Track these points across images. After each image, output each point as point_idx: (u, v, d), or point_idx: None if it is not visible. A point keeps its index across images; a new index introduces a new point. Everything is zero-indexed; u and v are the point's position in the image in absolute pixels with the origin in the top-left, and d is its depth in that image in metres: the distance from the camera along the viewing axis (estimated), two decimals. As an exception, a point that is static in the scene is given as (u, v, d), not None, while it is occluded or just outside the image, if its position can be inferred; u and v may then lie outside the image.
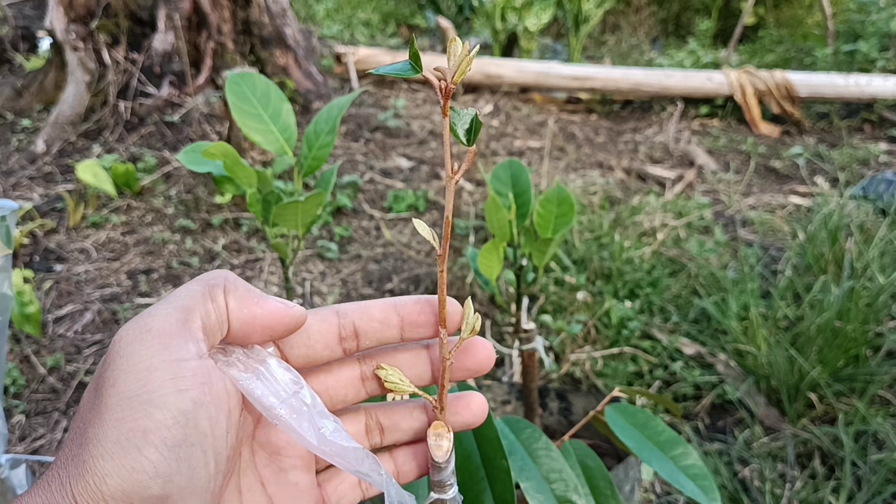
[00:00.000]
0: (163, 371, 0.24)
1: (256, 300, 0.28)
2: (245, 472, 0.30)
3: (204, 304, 0.27)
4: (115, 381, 0.24)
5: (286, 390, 0.28)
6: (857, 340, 1.33)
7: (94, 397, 0.25)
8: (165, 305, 0.26)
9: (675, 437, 0.53)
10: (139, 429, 0.23)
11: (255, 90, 0.68)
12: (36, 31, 3.14)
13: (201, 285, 0.28)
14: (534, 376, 0.84)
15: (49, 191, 2.16)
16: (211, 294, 0.27)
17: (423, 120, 2.91)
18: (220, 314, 0.27)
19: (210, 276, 0.28)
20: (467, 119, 0.29)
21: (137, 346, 0.25)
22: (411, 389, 0.32)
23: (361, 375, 0.32)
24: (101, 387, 0.25)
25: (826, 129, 2.99)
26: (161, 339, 0.25)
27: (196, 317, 0.27)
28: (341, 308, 0.31)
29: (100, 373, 0.25)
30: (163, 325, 0.26)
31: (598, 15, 3.72)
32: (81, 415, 0.25)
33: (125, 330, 0.26)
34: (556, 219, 0.70)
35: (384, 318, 0.31)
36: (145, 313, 0.26)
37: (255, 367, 0.28)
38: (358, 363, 0.33)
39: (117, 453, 0.23)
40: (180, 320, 0.26)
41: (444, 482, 0.32)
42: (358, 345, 0.31)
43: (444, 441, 0.31)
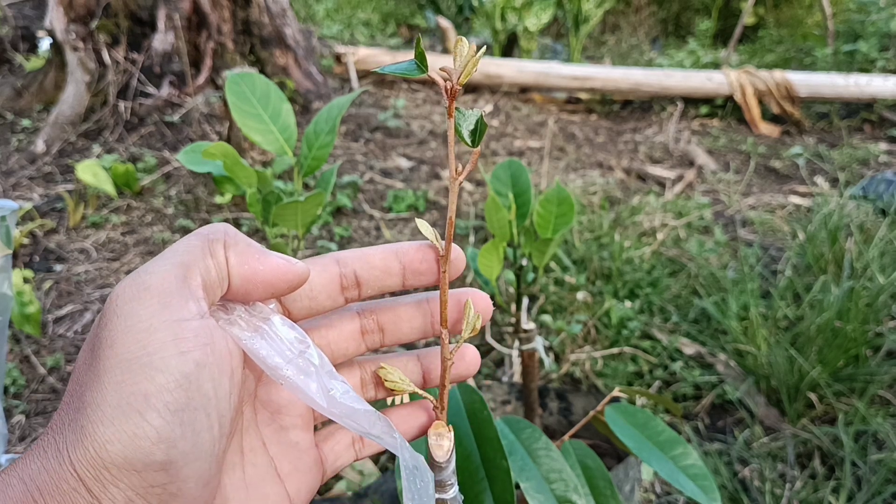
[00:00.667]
0: (164, 332, 0.23)
1: (258, 256, 0.27)
2: (247, 432, 0.29)
3: (203, 260, 0.26)
4: (112, 343, 0.23)
5: (292, 350, 0.27)
6: (857, 340, 1.33)
7: (90, 359, 0.24)
8: (163, 262, 0.25)
9: (675, 437, 0.53)
10: (140, 392, 0.22)
11: (255, 90, 0.68)
12: (36, 31, 3.14)
13: (200, 240, 0.26)
14: (534, 376, 0.84)
15: (49, 191, 2.16)
16: (211, 249, 0.26)
17: (423, 120, 2.91)
18: (220, 270, 0.26)
19: (209, 229, 0.27)
20: (472, 120, 0.29)
21: (136, 306, 0.24)
22: (411, 389, 0.32)
23: (361, 329, 0.32)
24: (97, 348, 0.24)
25: (826, 129, 2.99)
26: (160, 298, 0.24)
27: (196, 273, 0.25)
28: (341, 256, 0.30)
29: (95, 333, 0.24)
30: (161, 283, 0.24)
31: (598, 15, 3.72)
32: (77, 377, 0.24)
33: (121, 288, 0.24)
34: (556, 219, 0.70)
35: (385, 266, 0.30)
36: (142, 270, 0.25)
37: (258, 325, 0.27)
38: (358, 317, 0.32)
39: (118, 418, 0.22)
40: (179, 277, 0.25)
41: (444, 482, 0.32)
42: (360, 293, 0.31)
43: (445, 441, 0.31)
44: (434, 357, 0.33)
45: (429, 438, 0.32)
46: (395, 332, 0.32)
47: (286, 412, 0.30)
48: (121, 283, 0.25)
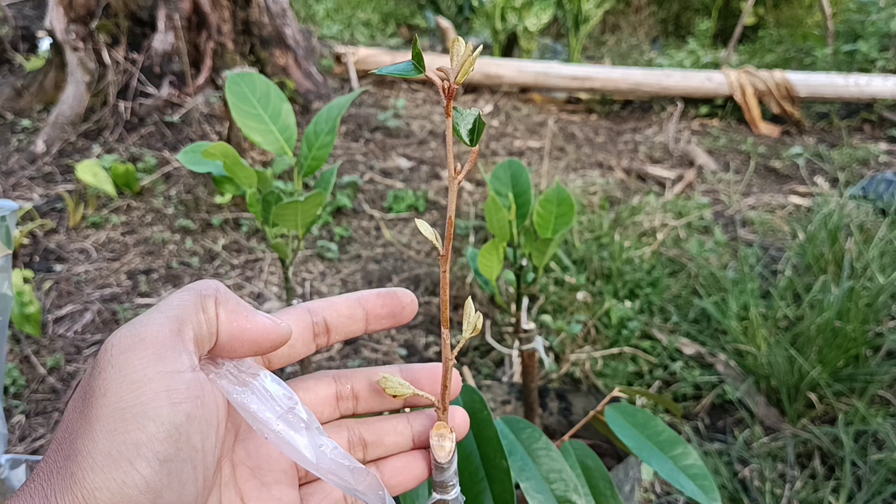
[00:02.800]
0: (157, 383, 0.24)
1: (246, 314, 0.28)
2: (227, 488, 0.30)
3: (196, 315, 0.27)
4: (105, 391, 0.24)
5: (281, 405, 0.28)
6: (857, 340, 1.33)
7: (81, 406, 0.24)
8: (158, 314, 0.26)
9: (674, 437, 0.53)
10: (132, 442, 0.23)
11: (254, 90, 0.68)
12: (36, 31, 3.14)
13: (193, 295, 0.27)
14: (534, 376, 0.84)
15: (49, 191, 2.16)
16: (203, 305, 0.27)
17: (422, 120, 2.91)
18: (210, 326, 0.27)
19: (201, 285, 0.28)
20: (470, 119, 0.29)
21: (131, 356, 0.24)
22: (412, 391, 0.32)
23: (337, 394, 0.33)
24: (90, 396, 0.24)
25: (826, 129, 2.99)
26: (155, 350, 0.25)
27: (189, 328, 0.26)
28: (312, 306, 0.32)
29: (88, 382, 0.25)
30: (157, 335, 0.25)
31: (598, 15, 3.72)
32: (67, 425, 0.24)
33: (116, 338, 0.25)
34: (555, 219, 0.70)
35: (351, 313, 0.32)
36: (137, 322, 0.26)
37: (247, 380, 0.28)
38: (334, 381, 0.33)
39: (108, 466, 0.22)
40: (174, 331, 0.25)
41: (446, 483, 0.32)
42: (329, 339, 0.32)
43: (447, 442, 0.31)
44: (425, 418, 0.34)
45: (431, 439, 0.32)
46: (369, 401, 0.33)
47: (267, 468, 0.31)
48: (116, 334, 0.25)
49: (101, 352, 0.25)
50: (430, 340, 1.55)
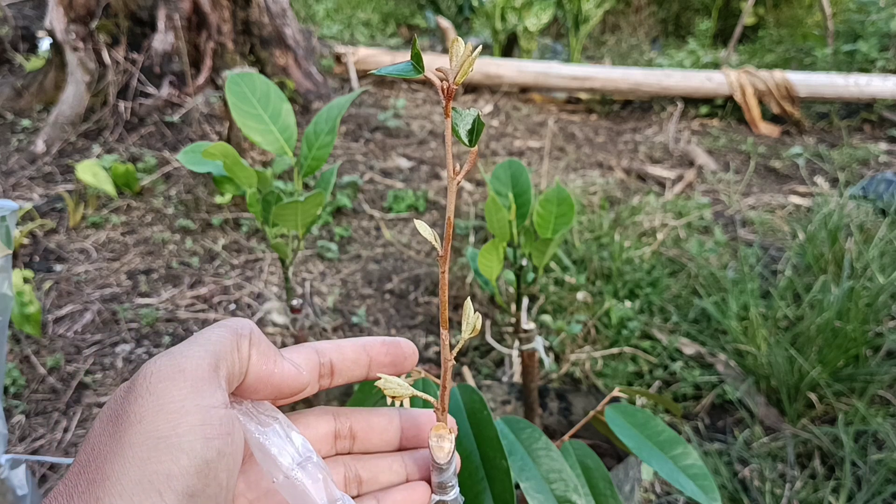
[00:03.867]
0: (194, 416, 0.24)
1: (275, 359, 0.29)
2: None
3: (231, 354, 0.27)
4: (142, 418, 0.24)
5: (300, 453, 0.28)
6: (857, 340, 1.33)
7: (112, 430, 0.24)
8: (197, 347, 0.26)
9: (674, 437, 0.53)
10: (164, 472, 0.23)
11: (254, 90, 0.68)
12: (36, 31, 3.14)
13: (230, 333, 0.28)
14: (534, 376, 0.84)
15: (49, 191, 2.16)
16: (238, 343, 0.28)
17: (423, 120, 2.91)
18: (241, 366, 0.28)
19: (238, 324, 0.29)
20: (469, 120, 0.29)
21: (169, 385, 0.24)
22: (410, 392, 0.32)
23: (336, 432, 0.33)
24: (123, 420, 0.24)
25: (826, 129, 2.99)
26: (193, 383, 0.25)
27: (224, 365, 0.27)
28: (319, 346, 0.33)
29: (122, 406, 0.25)
30: (195, 368, 0.25)
31: (598, 15, 3.72)
32: (94, 446, 0.24)
33: (155, 366, 0.25)
34: (555, 219, 0.70)
35: (356, 358, 0.33)
36: (177, 352, 0.26)
37: (267, 421, 0.29)
38: (334, 419, 0.33)
39: (137, 495, 0.22)
40: (212, 366, 0.26)
41: (445, 483, 0.32)
42: (331, 381, 0.33)
43: (446, 442, 0.31)
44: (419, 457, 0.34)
45: (430, 440, 0.32)
46: (365, 441, 0.34)
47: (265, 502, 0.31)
48: (155, 361, 0.26)
49: (138, 377, 0.25)
50: (430, 340, 1.55)
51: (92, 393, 1.38)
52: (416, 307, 1.68)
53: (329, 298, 1.70)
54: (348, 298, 1.71)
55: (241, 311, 1.64)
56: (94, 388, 1.39)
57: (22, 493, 0.70)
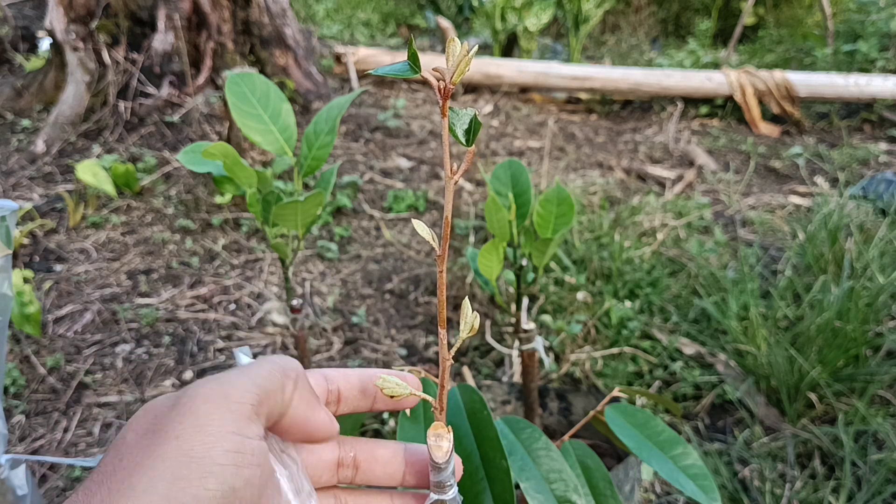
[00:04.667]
0: (230, 442, 0.25)
1: (313, 407, 0.30)
2: None
3: (276, 394, 0.28)
4: (179, 435, 0.24)
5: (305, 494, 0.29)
6: (857, 340, 1.33)
7: (147, 442, 0.24)
8: (245, 378, 0.27)
9: (674, 437, 0.53)
10: (192, 493, 0.23)
11: (254, 90, 0.68)
12: (36, 31, 3.14)
13: (280, 372, 0.28)
14: (534, 376, 0.84)
15: (49, 191, 2.16)
16: (284, 384, 0.28)
17: (422, 120, 2.91)
18: (282, 407, 0.28)
19: (288, 364, 0.29)
20: (466, 119, 0.29)
21: (212, 409, 0.25)
22: (409, 391, 0.32)
23: (339, 460, 0.33)
24: (160, 434, 0.24)
25: (826, 129, 2.99)
26: (235, 412, 0.25)
27: (267, 402, 0.27)
28: (328, 374, 0.34)
29: (161, 420, 0.25)
30: (240, 399, 0.26)
31: (598, 15, 3.72)
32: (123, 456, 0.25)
33: (202, 388, 0.26)
34: (555, 219, 0.70)
35: (363, 388, 0.34)
36: (225, 379, 0.27)
37: (289, 464, 0.29)
38: (338, 446, 0.33)
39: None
40: (255, 399, 0.27)
41: (443, 483, 0.32)
42: (337, 409, 0.33)
43: (444, 442, 0.31)
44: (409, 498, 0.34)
45: (428, 439, 0.32)
46: (368, 473, 0.34)
47: None
48: (203, 384, 0.26)
49: (184, 396, 0.26)
50: (430, 340, 1.55)
51: (92, 393, 1.38)
52: (416, 307, 1.68)
53: (329, 298, 1.70)
54: (348, 298, 1.71)
55: (241, 311, 1.64)
56: (94, 388, 1.39)
57: (22, 494, 0.70)
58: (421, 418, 0.46)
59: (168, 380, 1.42)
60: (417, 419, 0.46)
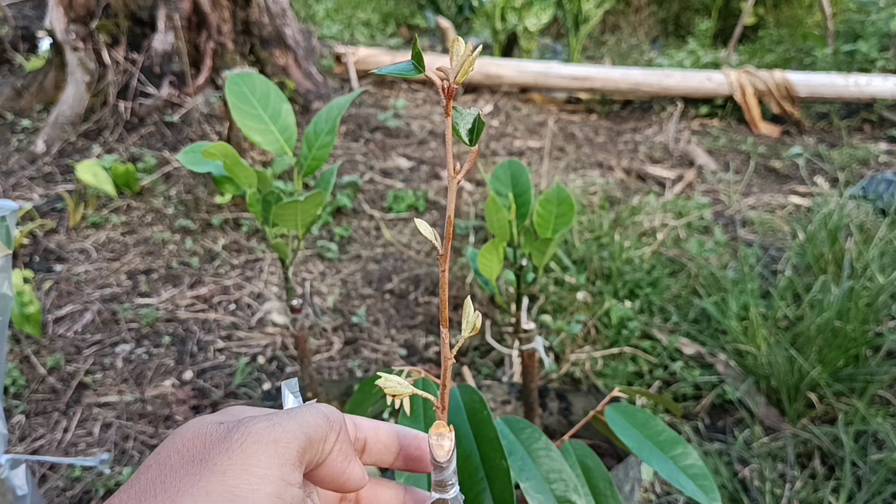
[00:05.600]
0: (273, 486, 0.25)
1: (350, 460, 0.30)
2: None
3: (319, 444, 0.28)
4: (226, 471, 0.25)
5: None
6: (857, 340, 1.33)
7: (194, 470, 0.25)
8: (294, 424, 0.28)
9: (675, 437, 0.53)
10: None
11: (254, 90, 0.68)
12: (36, 31, 3.14)
13: (325, 423, 0.29)
14: (534, 376, 0.84)
15: (49, 191, 2.16)
16: (327, 436, 0.29)
17: (422, 120, 2.91)
18: (321, 457, 0.29)
19: (333, 416, 0.30)
20: (470, 119, 0.29)
21: (260, 450, 0.25)
22: (410, 391, 0.32)
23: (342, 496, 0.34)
24: (207, 465, 0.25)
25: (826, 129, 2.99)
26: (282, 456, 0.26)
27: (309, 450, 0.28)
28: (358, 421, 0.34)
29: (209, 451, 0.25)
30: (288, 444, 0.27)
31: (598, 15, 3.72)
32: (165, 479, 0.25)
33: (254, 427, 0.26)
34: (555, 219, 0.70)
35: (388, 443, 0.34)
36: (276, 422, 0.27)
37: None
38: None
39: None
40: (302, 447, 0.27)
41: (445, 482, 0.32)
42: (361, 458, 0.34)
43: (446, 441, 0.31)
44: None
45: (430, 438, 0.32)
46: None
47: None
48: (254, 422, 0.27)
49: (235, 433, 0.26)
50: (430, 340, 1.55)
51: (92, 393, 1.38)
52: (416, 307, 1.68)
53: (329, 298, 1.70)
54: (348, 298, 1.71)
55: (241, 311, 1.64)
56: (94, 388, 1.39)
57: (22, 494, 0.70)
58: (421, 417, 0.46)
59: (168, 380, 1.42)
60: (418, 418, 0.46)
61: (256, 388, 1.40)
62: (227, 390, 1.39)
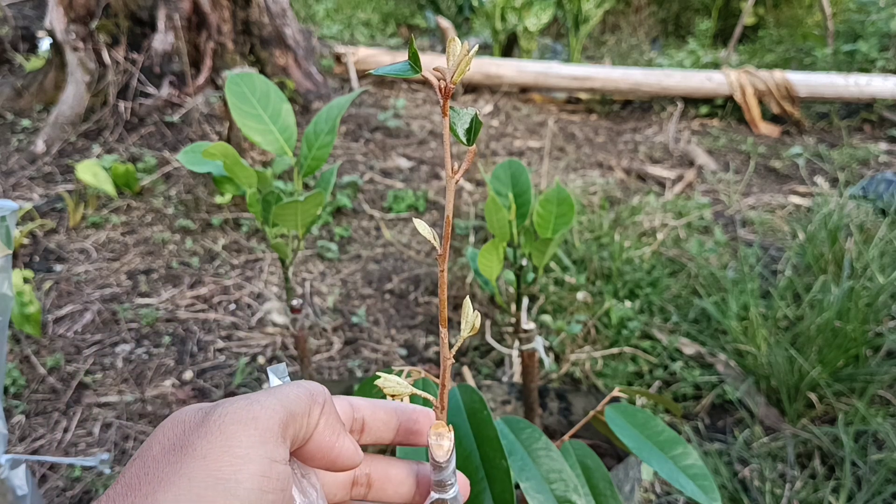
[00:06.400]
0: (256, 465, 0.24)
1: (338, 433, 0.29)
2: None
3: (303, 417, 0.28)
4: (206, 454, 0.24)
5: None
6: (857, 340, 1.33)
7: (174, 458, 0.24)
8: (273, 400, 0.27)
9: (675, 437, 0.53)
10: None
11: (254, 90, 0.68)
12: (36, 31, 3.14)
13: (307, 396, 0.28)
14: (534, 376, 0.84)
15: (49, 191, 2.16)
16: (310, 409, 0.28)
17: (422, 120, 2.91)
18: (307, 431, 0.28)
19: (316, 389, 0.29)
20: (467, 119, 0.29)
21: (240, 430, 0.25)
22: (410, 391, 0.32)
23: (354, 479, 0.33)
24: (187, 451, 0.24)
25: (826, 129, 2.99)
26: (262, 433, 0.25)
27: (293, 424, 0.27)
28: (354, 402, 0.33)
29: (188, 437, 0.25)
30: (268, 419, 0.26)
31: (598, 15, 3.72)
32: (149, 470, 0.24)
33: (231, 407, 0.26)
34: (555, 219, 0.70)
35: (387, 419, 0.33)
36: (253, 399, 0.27)
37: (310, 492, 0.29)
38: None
39: None
40: (283, 422, 0.26)
41: (444, 482, 0.32)
42: (360, 438, 0.33)
43: (445, 441, 0.31)
44: None
45: (429, 438, 0.32)
46: (380, 491, 0.34)
47: None
48: (231, 403, 0.26)
49: (213, 413, 0.26)
50: (430, 340, 1.55)
51: (92, 393, 1.38)
52: (416, 307, 1.68)
53: (329, 298, 1.70)
54: (348, 298, 1.71)
55: (241, 311, 1.64)
56: (94, 388, 1.39)
57: (22, 494, 0.70)
58: (421, 418, 0.46)
59: (168, 380, 1.42)
60: (418, 419, 0.46)
61: (256, 388, 1.40)
62: (227, 390, 1.39)
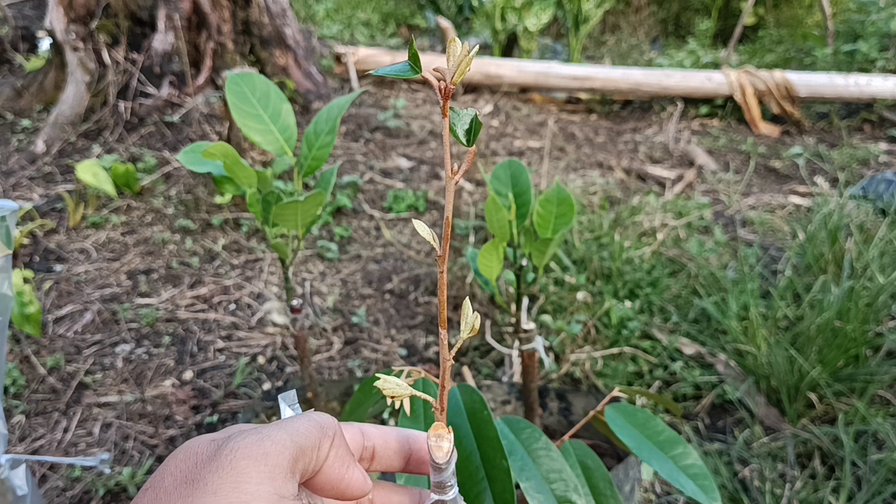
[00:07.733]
0: (266, 501, 0.25)
1: (348, 465, 0.30)
2: None
3: (312, 451, 0.28)
4: (217, 490, 0.24)
5: None
6: (857, 340, 1.33)
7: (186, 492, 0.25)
8: (283, 434, 0.27)
9: (675, 437, 0.53)
10: None
11: (254, 90, 0.68)
12: (36, 31, 3.14)
13: (317, 430, 0.29)
14: (534, 376, 0.84)
15: (49, 191, 2.16)
16: (320, 443, 0.29)
17: (422, 120, 2.91)
18: (317, 465, 0.29)
19: (326, 422, 0.29)
20: (467, 119, 0.29)
21: (250, 465, 0.25)
22: (409, 392, 0.32)
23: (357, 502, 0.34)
24: (199, 486, 0.25)
25: (826, 129, 2.99)
26: (272, 469, 0.26)
27: (303, 459, 0.28)
28: (366, 429, 0.33)
29: (200, 471, 0.25)
30: (278, 456, 0.26)
31: (598, 15, 3.72)
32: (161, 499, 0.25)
33: (242, 442, 0.26)
34: (555, 219, 0.70)
35: (398, 448, 0.34)
36: (264, 434, 0.27)
37: None
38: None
39: None
40: (292, 457, 0.27)
41: (444, 483, 0.32)
42: (370, 466, 0.33)
43: (445, 442, 0.31)
44: None
45: (428, 440, 0.32)
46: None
47: None
48: (242, 437, 0.26)
49: (225, 448, 0.26)
50: (430, 341, 1.55)
51: (92, 393, 1.38)
52: (416, 307, 1.68)
53: (329, 298, 1.70)
54: (348, 298, 1.71)
55: (241, 311, 1.64)
56: (94, 388, 1.39)
57: (22, 494, 0.70)
58: (421, 418, 0.46)
59: (168, 380, 1.42)
60: (418, 419, 0.46)
61: (256, 388, 1.40)
62: (227, 390, 1.39)
